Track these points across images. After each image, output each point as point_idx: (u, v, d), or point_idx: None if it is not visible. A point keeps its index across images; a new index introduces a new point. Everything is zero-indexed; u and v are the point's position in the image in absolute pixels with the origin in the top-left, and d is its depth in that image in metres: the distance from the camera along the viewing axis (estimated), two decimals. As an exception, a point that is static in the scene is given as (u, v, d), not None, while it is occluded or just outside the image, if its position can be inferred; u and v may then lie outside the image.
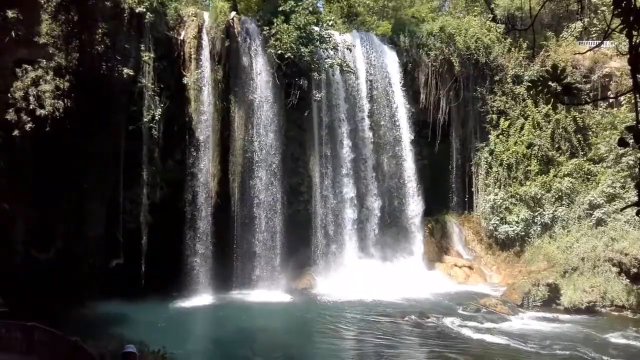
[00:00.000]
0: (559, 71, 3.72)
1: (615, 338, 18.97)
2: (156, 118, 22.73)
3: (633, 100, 3.39)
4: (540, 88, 3.89)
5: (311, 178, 26.92)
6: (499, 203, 29.43)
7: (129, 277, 21.36)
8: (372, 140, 28.81)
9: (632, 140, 3.24)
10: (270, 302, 23.12)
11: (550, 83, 3.80)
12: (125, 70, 21.40)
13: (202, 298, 22.94)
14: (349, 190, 27.77)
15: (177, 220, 23.51)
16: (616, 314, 22.40)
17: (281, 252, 25.26)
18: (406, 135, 29.81)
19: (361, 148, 28.49)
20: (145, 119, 22.51)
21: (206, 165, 23.98)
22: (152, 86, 22.71)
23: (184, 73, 23.55)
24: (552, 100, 3.86)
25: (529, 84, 3.79)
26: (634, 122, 3.38)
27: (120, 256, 22.33)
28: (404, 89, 29.61)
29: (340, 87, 27.75)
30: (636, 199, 3.07)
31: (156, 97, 22.93)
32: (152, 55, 22.58)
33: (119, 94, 21.83)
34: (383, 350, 17.86)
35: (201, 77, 23.70)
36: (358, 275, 25.94)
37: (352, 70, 27.60)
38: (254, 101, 25.08)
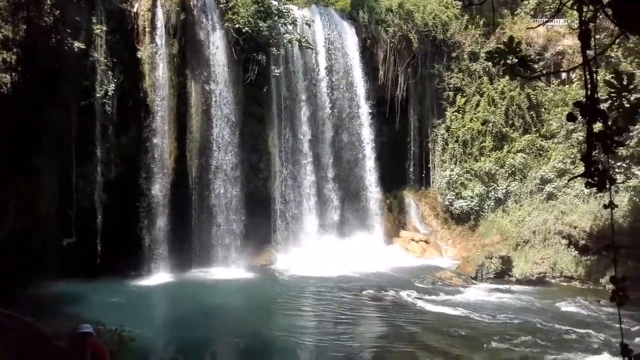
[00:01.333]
0: (514, 44, 3.77)
1: (563, 307, 19.78)
2: (109, 93, 22.09)
3: (583, 76, 3.48)
4: (496, 60, 3.94)
5: (270, 155, 26.80)
6: (454, 179, 30.03)
7: (84, 257, 20.92)
8: (331, 116, 28.84)
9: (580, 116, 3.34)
10: (230, 279, 23.08)
11: (507, 56, 3.85)
12: (76, 44, 20.64)
13: (160, 276, 22.70)
14: (308, 167, 27.81)
15: (134, 198, 23.09)
16: (565, 284, 23.33)
17: (240, 230, 25.15)
18: (365, 111, 29.94)
19: (320, 124, 28.49)
20: (98, 94, 21.85)
21: (162, 142, 23.51)
22: (105, 60, 22.01)
23: (138, 47, 22.87)
24: (507, 74, 3.92)
25: (487, 55, 3.83)
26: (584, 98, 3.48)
27: (72, 235, 21.81)
28: (362, 65, 29.64)
29: (299, 62, 27.56)
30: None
31: (109, 72, 22.24)
32: (104, 28, 21.80)
33: (70, 68, 21.07)
34: (343, 324, 18.15)
35: (156, 51, 23.07)
36: (318, 251, 26.19)
37: (311, 45, 27.42)
38: (212, 76, 24.63)
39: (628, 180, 20.99)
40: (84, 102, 21.73)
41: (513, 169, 28.92)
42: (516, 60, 3.84)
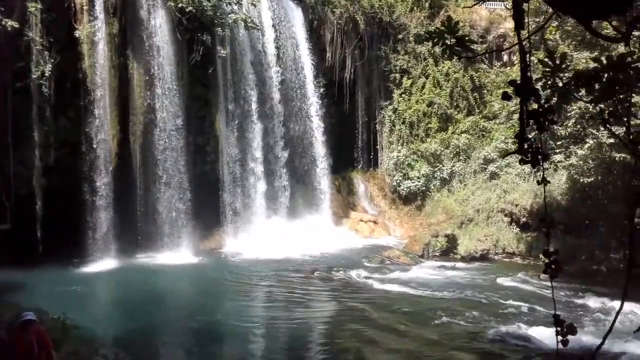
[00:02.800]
0: (453, 24, 3.82)
1: (505, 282, 20.55)
2: (46, 74, 21.18)
3: (519, 56, 3.57)
4: (436, 41, 3.99)
5: (217, 137, 26.39)
6: (401, 160, 30.50)
7: (25, 244, 20.17)
8: (279, 98, 28.61)
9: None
10: (178, 264, 22.76)
11: (445, 36, 3.90)
12: (10, 23, 19.63)
13: (105, 263, 22.13)
14: (256, 149, 27.57)
15: (76, 183, 22.35)
16: (507, 260, 24.21)
17: (188, 213, 24.76)
18: (313, 93, 29.88)
19: (268, 106, 28.23)
20: (34, 76, 20.91)
21: (104, 125, 22.78)
22: (41, 40, 21.03)
23: (76, 26, 21.93)
24: (446, 54, 3.97)
25: (426, 35, 3.85)
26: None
27: (7, 222, 20.94)
28: (310, 46, 29.50)
29: (245, 43, 27.12)
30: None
31: (45, 52, 21.29)
32: (39, 6, 20.76)
33: (3, 48, 20.04)
34: (293, 305, 18.26)
35: (95, 30, 22.20)
36: (267, 234, 26.12)
37: (257, 26, 27.02)
38: (154, 57, 23.90)
39: (567, 159, 21.83)
40: (19, 84, 20.77)
41: (457, 150, 29.61)
42: (454, 40, 3.89)
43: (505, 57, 30.42)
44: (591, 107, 16.30)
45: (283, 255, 24.06)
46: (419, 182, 29.96)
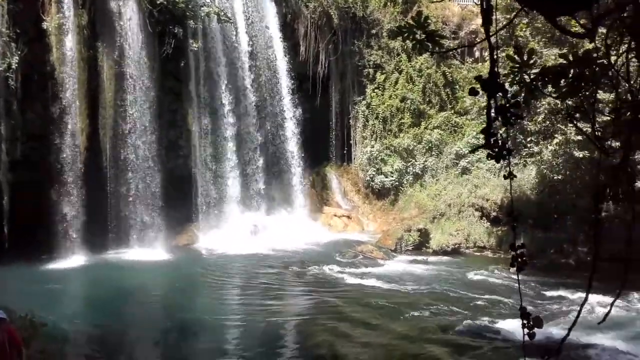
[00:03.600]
0: (423, 19, 3.83)
1: (476, 275, 20.83)
2: (13, 67, 20.68)
3: (489, 52, 3.59)
4: (406, 35, 3.99)
5: (190, 131, 26.12)
6: (375, 155, 30.63)
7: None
8: (253, 92, 28.43)
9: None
10: (149, 260, 22.46)
11: (415, 30, 3.90)
12: (-27, 13, 19.13)
13: (74, 259, 21.74)
14: (229, 144, 27.36)
15: (43, 178, 21.89)
16: (478, 254, 24.53)
17: (159, 209, 24.45)
18: (286, 87, 29.77)
19: (242, 101, 28.02)
20: (0, 68, 20.39)
21: (73, 119, 22.34)
22: (7, 31, 20.53)
23: (44, 17, 21.44)
24: (416, 49, 3.98)
25: (397, 30, 3.85)
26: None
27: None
28: (283, 40, 29.35)
29: (218, 37, 26.83)
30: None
31: (12, 44, 20.78)
32: (5, -4, 20.28)
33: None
34: (267, 300, 18.22)
35: (63, 22, 21.72)
36: (241, 229, 26.01)
37: (230, 19, 26.74)
38: (125, 49, 23.51)
39: (536, 155, 22.20)
40: (-17, 76, 20.24)
41: (430, 145, 29.86)
42: (424, 35, 3.90)
43: (477, 53, 30.76)
44: (560, 103, 16.61)
45: (257, 251, 23.99)
46: (392, 177, 30.13)
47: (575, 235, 21.47)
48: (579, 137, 19.07)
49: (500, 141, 3.10)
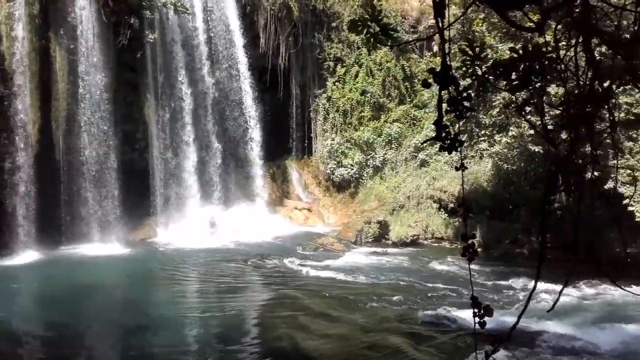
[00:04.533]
0: (376, 12, 3.83)
1: (434, 266, 21.22)
2: (-42, 56, 19.84)
3: (441, 44, 3.62)
4: (360, 28, 3.99)
5: (147, 124, 25.60)
6: (335, 148, 30.74)
7: None
8: (211, 84, 28.06)
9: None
10: (106, 255, 21.99)
11: (369, 24, 3.90)
12: None
13: (27, 255, 21.07)
14: (188, 137, 26.95)
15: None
16: (436, 245, 24.97)
17: (116, 203, 23.95)
18: (246, 80, 29.50)
19: (200, 93, 27.62)
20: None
21: (24, 111, 21.58)
22: (-48, 19, 19.69)
23: (-9, 5, 20.62)
24: (370, 42, 3.98)
25: (350, 23, 3.84)
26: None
27: None
28: (243, 32, 29.03)
29: (175, 28, 26.33)
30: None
31: (-42, 33, 19.94)
32: (-52, -19, 19.38)
33: None
34: (227, 294, 18.09)
35: (13, 10, 20.92)
36: (200, 222, 25.72)
37: (188, 10, 26.27)
38: (78, 40, 22.83)
39: (491, 148, 22.66)
40: None
41: (390, 138, 30.13)
42: (378, 28, 3.91)
43: (436, 48, 31.12)
44: (514, 97, 16.98)
45: (216, 244, 23.81)
46: (352, 169, 30.30)
47: (529, 226, 22.07)
48: (533, 130, 19.57)
49: (452, 133, 3.14)
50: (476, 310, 3.17)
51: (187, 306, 17.32)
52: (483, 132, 22.65)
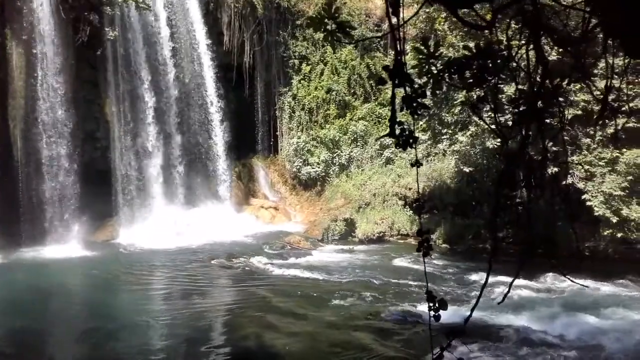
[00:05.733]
0: (333, 9, 3.84)
1: (399, 262, 21.46)
2: None
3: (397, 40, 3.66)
4: (317, 26, 3.99)
5: (108, 123, 25.10)
6: (301, 146, 30.72)
7: None
8: (175, 82, 27.67)
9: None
10: (67, 257, 21.47)
11: (326, 21, 3.91)
12: None
13: (-17, 259, 20.48)
14: (151, 136, 26.54)
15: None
16: (402, 241, 25.22)
17: (76, 204, 23.43)
18: (210, 77, 29.18)
19: (163, 91, 27.20)
20: None
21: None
22: None
23: (-58, -1, 19.91)
24: (327, 40, 3.98)
25: (308, 20, 3.85)
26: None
27: None
28: (206, 29, 28.69)
29: (136, 25, 25.86)
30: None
31: None
32: None
33: None
34: (192, 295, 17.88)
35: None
36: (165, 223, 25.37)
37: (149, 7, 25.81)
38: (36, 37, 22.21)
39: (453, 146, 23.01)
40: None
41: (355, 136, 30.30)
42: (335, 26, 3.92)
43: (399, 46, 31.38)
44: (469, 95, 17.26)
45: (181, 245, 23.53)
46: (318, 167, 30.35)
47: (491, 222, 22.48)
48: (493, 127, 19.94)
49: (406, 130, 3.17)
50: (431, 304, 3.22)
51: (151, 309, 17.02)
52: (445, 130, 22.97)
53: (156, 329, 15.52)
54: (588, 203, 18.55)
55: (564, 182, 18.59)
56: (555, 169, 16.72)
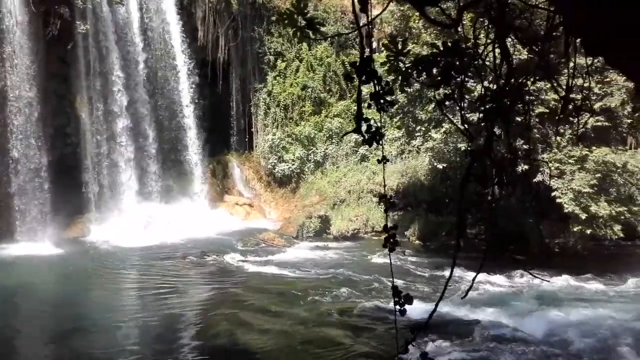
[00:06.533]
0: (302, 5, 3.83)
1: (374, 259, 21.56)
2: None
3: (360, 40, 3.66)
4: (287, 22, 3.97)
5: (79, 118, 24.65)
6: (276, 143, 30.66)
7: None
8: (147, 78, 27.30)
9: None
10: (37, 255, 21.07)
11: (295, 17, 3.90)
12: None
13: (-51, 257, 19.97)
14: (123, 132, 26.16)
15: None
16: (376, 238, 25.33)
17: (46, 200, 22.99)
18: (184, 73, 28.88)
19: (136, 86, 26.83)
20: None
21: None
22: None
23: None
24: (297, 36, 3.97)
25: (278, 16, 3.83)
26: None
27: None
28: (180, 24, 28.37)
29: (108, 19, 25.42)
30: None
31: None
32: None
33: None
34: (165, 293, 17.71)
35: None
36: (137, 219, 25.05)
37: (122, 1, 25.43)
38: (3, 30, 21.69)
39: (426, 143, 23.18)
40: None
41: (330, 133, 30.36)
42: (305, 22, 3.91)
43: (375, 44, 31.52)
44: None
45: (154, 242, 23.28)
46: (293, 164, 30.33)
47: (464, 219, 22.76)
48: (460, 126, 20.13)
49: (372, 126, 3.19)
50: (397, 299, 3.24)
51: (122, 307, 16.79)
52: (419, 127, 23.13)
53: (128, 327, 15.32)
54: (558, 200, 18.88)
55: (534, 180, 18.90)
56: (526, 167, 16.97)
